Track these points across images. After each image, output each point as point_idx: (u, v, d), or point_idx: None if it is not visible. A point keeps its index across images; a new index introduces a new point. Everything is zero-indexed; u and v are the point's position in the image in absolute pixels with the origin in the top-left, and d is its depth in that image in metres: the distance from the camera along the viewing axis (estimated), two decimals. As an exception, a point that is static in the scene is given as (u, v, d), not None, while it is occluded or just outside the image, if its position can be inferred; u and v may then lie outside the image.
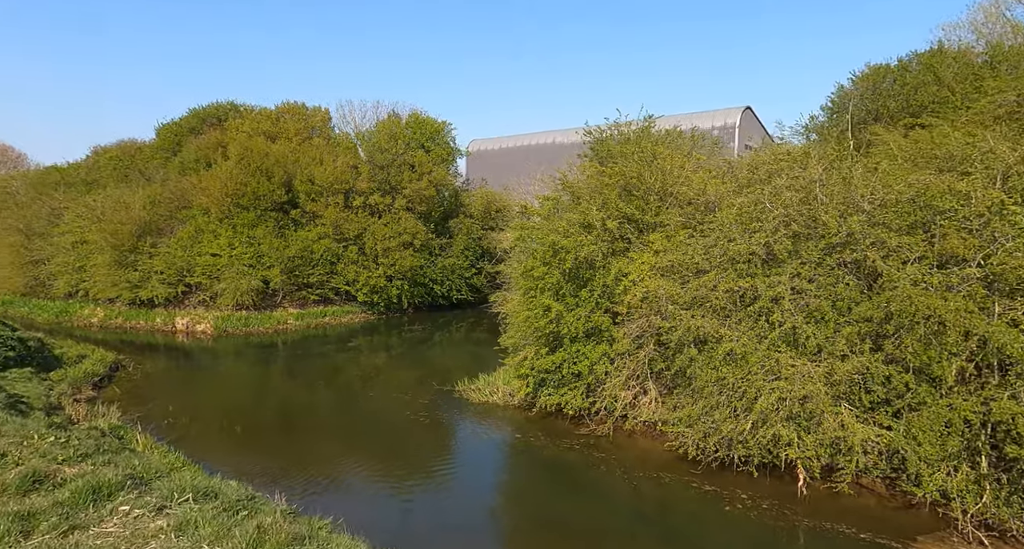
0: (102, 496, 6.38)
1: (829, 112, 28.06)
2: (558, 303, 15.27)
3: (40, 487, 6.57)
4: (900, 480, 11.64)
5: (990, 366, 10.36)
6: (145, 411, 17.14)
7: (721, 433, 12.27)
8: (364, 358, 28.88)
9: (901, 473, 11.49)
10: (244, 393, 21.92)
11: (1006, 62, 21.44)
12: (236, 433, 16.30)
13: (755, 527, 11.44)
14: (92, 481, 6.57)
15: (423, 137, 44.16)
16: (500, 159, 59.33)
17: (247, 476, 12.24)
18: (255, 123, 44.87)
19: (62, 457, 7.75)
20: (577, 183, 16.90)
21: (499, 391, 19.04)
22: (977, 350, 10.28)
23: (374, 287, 37.12)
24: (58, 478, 6.87)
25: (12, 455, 7.47)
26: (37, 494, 6.42)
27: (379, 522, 11.39)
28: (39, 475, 6.78)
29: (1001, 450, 10.05)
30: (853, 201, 11.68)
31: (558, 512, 12.33)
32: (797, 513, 11.62)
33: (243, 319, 33.39)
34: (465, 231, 43.37)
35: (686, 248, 13.72)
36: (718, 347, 12.42)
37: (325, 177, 37.73)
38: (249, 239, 35.74)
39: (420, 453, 16.09)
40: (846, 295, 11.34)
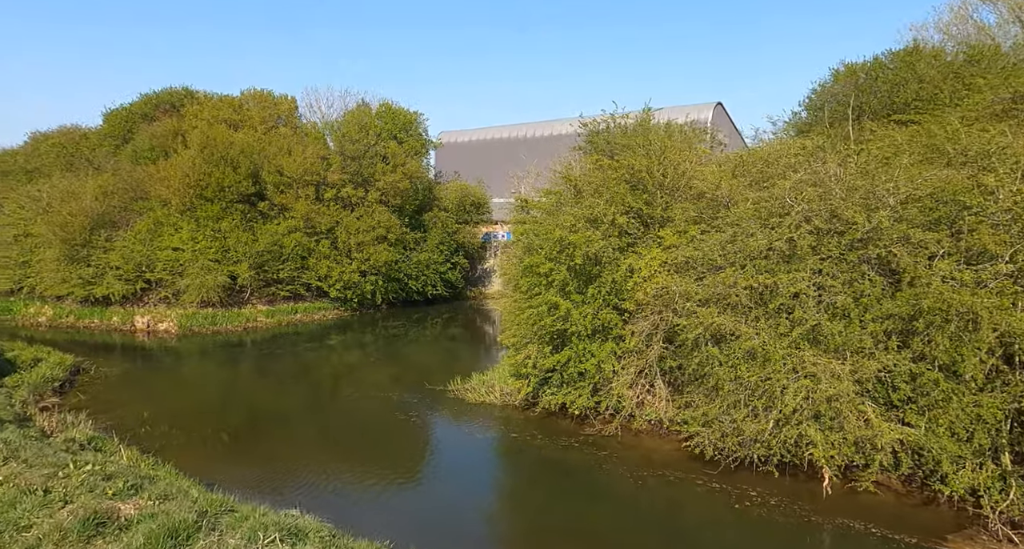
0: (180, 540, 5.52)
1: (812, 110, 28.39)
2: (565, 300, 14.76)
3: (104, 530, 5.67)
4: (917, 477, 11.64)
5: (1011, 362, 10.39)
6: (117, 418, 15.82)
7: (743, 433, 12.03)
8: (343, 357, 27.80)
9: (918, 470, 11.46)
10: (219, 396, 20.67)
11: (984, 61, 22.00)
12: (222, 440, 15.21)
13: (777, 527, 11.24)
14: (166, 523, 5.67)
15: (395, 128, 42.95)
16: (471, 152, 58.44)
17: (249, 488, 11.34)
18: (216, 110, 42.71)
19: (111, 491, 6.75)
20: (581, 177, 16.39)
21: (496, 390, 18.46)
22: (998, 346, 10.28)
23: (347, 282, 35.87)
24: (121, 518, 5.95)
25: (56, 491, 6.47)
26: (104, 540, 5.52)
27: (390, 530, 10.75)
28: (99, 516, 5.86)
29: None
30: (876, 196, 11.55)
31: (570, 515, 11.90)
32: (820, 512, 11.47)
33: (210, 317, 31.70)
34: (440, 225, 42.46)
35: (701, 244, 13.41)
36: (738, 345, 12.15)
37: (294, 168, 36.19)
38: (214, 232, 33.92)
39: (423, 458, 15.42)
40: (870, 292, 11.21)
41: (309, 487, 12.94)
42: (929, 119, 17.70)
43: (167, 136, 40.78)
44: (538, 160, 54.86)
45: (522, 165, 54.53)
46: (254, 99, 46.08)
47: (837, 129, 20.67)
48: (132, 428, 15.07)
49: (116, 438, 13.32)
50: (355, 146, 39.16)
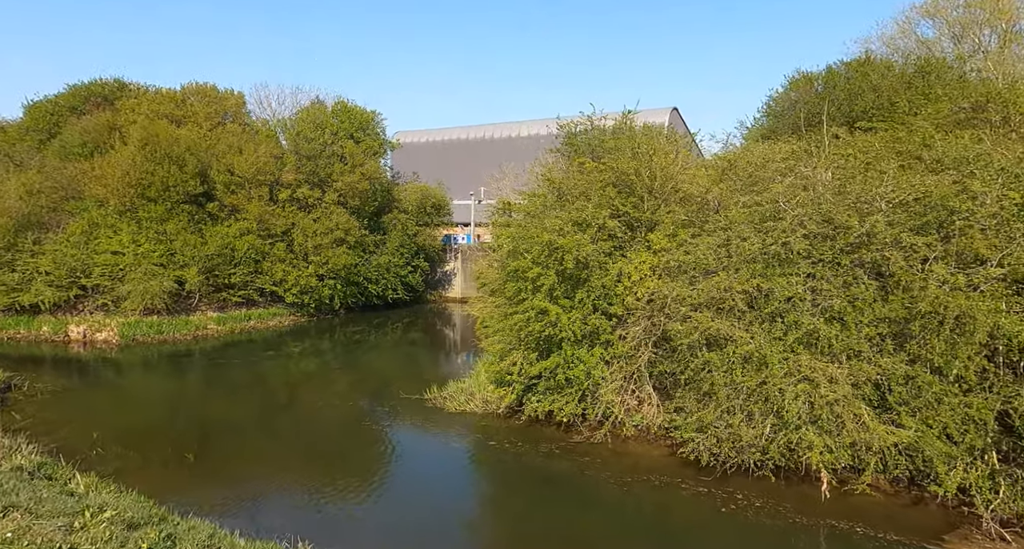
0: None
1: (772, 116, 29.23)
2: (553, 305, 14.40)
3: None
4: (904, 478, 11.87)
5: (997, 364, 10.72)
6: (62, 440, 14.33)
7: (739, 438, 11.98)
8: (305, 365, 26.52)
9: (906, 471, 11.67)
10: (173, 411, 19.18)
11: (933, 72, 23.15)
12: (183, 461, 14.00)
13: (773, 530, 11.24)
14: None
15: (352, 127, 41.61)
16: (428, 152, 57.49)
17: (224, 514, 10.39)
18: (155, 105, 40.23)
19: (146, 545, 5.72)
20: (564, 179, 16.08)
21: (476, 398, 17.89)
22: (987, 348, 10.59)
23: (304, 287, 34.36)
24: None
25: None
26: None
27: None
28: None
29: (1013, 446, 10.44)
30: (867, 200, 11.75)
31: (559, 523, 11.68)
32: (815, 515, 11.54)
33: (155, 325, 29.63)
34: (400, 227, 41.39)
35: (693, 248, 13.32)
36: (735, 349, 12.10)
37: (246, 167, 34.40)
38: (158, 235, 31.78)
39: (406, 471, 14.70)
40: (865, 296, 11.37)
41: (286, 509, 12.04)
42: (894, 126, 18.37)
43: (101, 131, 38.03)
44: (499, 162, 54.70)
45: (482, 167, 54.16)
46: (197, 93, 43.66)
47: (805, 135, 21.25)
48: (81, 451, 13.67)
49: (66, 463, 12.03)
50: (311, 145, 37.67)
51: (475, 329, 22.01)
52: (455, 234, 49.39)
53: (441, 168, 52.47)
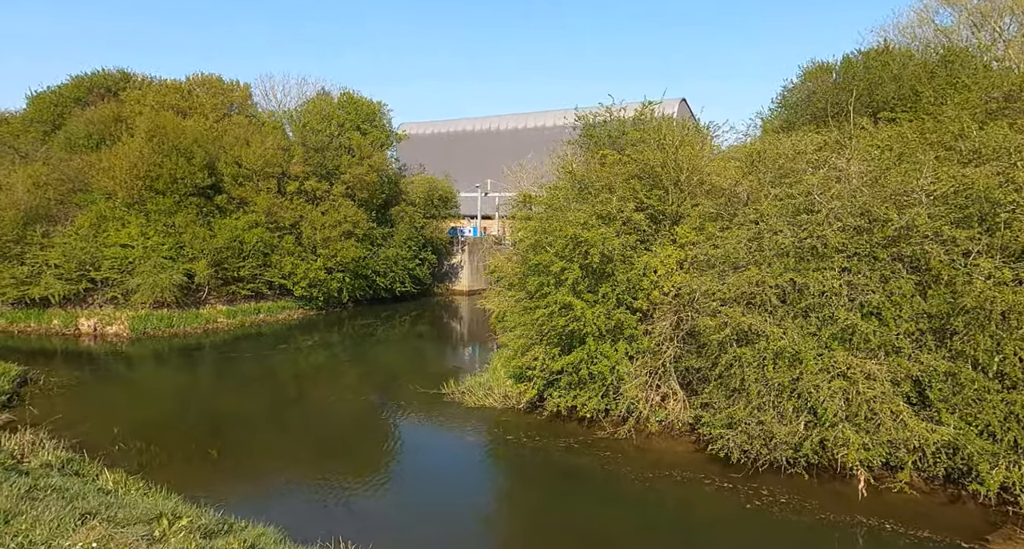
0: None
1: (788, 107, 28.82)
2: (578, 300, 14.17)
3: None
4: (939, 476, 11.64)
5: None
6: (83, 435, 14.17)
7: (772, 435, 11.77)
8: (318, 359, 26.35)
9: (942, 469, 11.44)
10: (190, 405, 19.01)
11: (957, 61, 22.73)
12: (206, 456, 13.85)
13: (810, 529, 11.06)
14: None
15: (358, 118, 41.21)
16: (433, 144, 57.08)
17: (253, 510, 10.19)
18: (161, 96, 39.89)
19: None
20: (586, 172, 15.78)
21: (493, 393, 17.71)
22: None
23: (313, 280, 34.17)
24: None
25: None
26: None
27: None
28: None
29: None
30: (906, 192, 11.48)
31: (584, 520, 11.48)
32: (852, 513, 11.35)
33: (165, 318, 29.45)
34: (407, 220, 41.12)
35: (723, 241, 13.06)
36: (767, 345, 11.87)
37: (254, 159, 34.12)
38: (167, 228, 31.57)
39: (428, 466, 14.53)
40: (904, 290, 11.12)
41: (313, 505, 11.88)
42: (919, 117, 18.01)
43: (106, 122, 37.66)
44: (505, 154, 54.32)
45: (489, 159, 53.85)
46: (203, 85, 43.30)
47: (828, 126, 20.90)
48: (104, 446, 13.50)
49: (89, 458, 11.87)
50: (318, 137, 37.35)
51: (489, 323, 21.91)
52: (461, 227, 49.12)
53: (446, 160, 52.15)
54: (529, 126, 53.97)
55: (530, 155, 26.34)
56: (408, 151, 54.41)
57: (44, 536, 5.71)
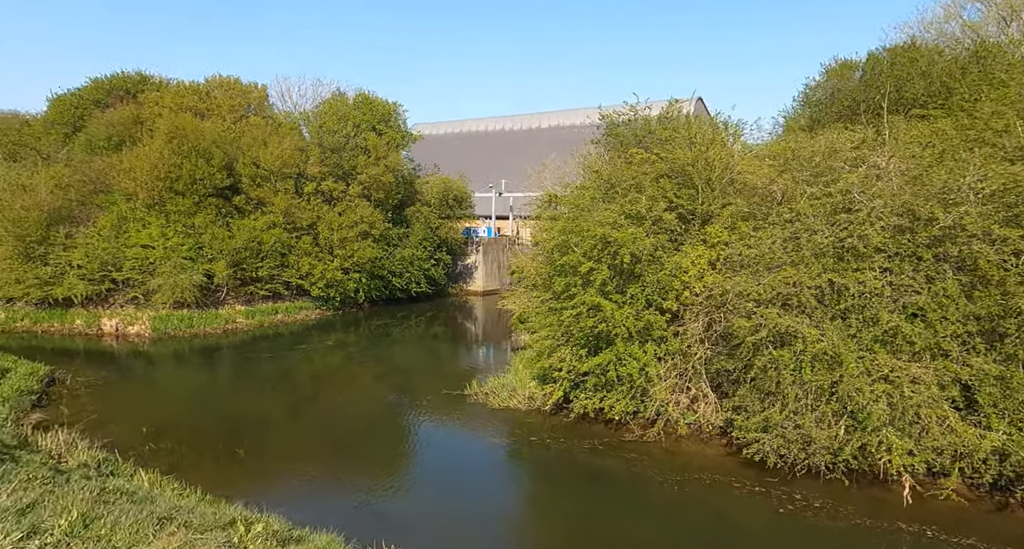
0: None
1: (811, 105, 28.43)
2: (607, 301, 13.97)
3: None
4: (985, 483, 11.30)
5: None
6: (113, 435, 14.19)
7: (810, 439, 11.51)
8: (340, 360, 26.31)
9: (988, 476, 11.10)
10: (216, 405, 18.99)
11: (989, 57, 22.25)
12: (235, 456, 13.83)
13: (852, 535, 10.80)
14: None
15: (373, 119, 41.23)
16: (446, 144, 57.04)
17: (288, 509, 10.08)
18: (179, 98, 40.14)
19: None
20: (614, 172, 15.58)
21: (517, 394, 17.55)
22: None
23: (330, 281, 34.19)
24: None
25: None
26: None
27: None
28: None
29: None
30: (954, 190, 11.17)
31: (622, 528, 11.22)
32: (896, 520, 11.06)
33: (186, 319, 29.59)
34: (422, 220, 41.06)
35: (757, 241, 12.81)
36: (805, 347, 11.60)
37: (272, 160, 34.21)
38: (186, 228, 31.74)
39: (456, 468, 14.42)
40: (950, 291, 10.83)
41: (346, 507, 11.79)
42: (953, 113, 17.61)
43: (126, 124, 37.96)
44: (519, 154, 54.17)
45: (502, 159, 53.73)
46: (221, 86, 43.52)
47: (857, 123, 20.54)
48: (134, 446, 13.52)
49: (122, 459, 11.88)
50: (334, 138, 37.39)
51: (510, 324, 21.75)
52: (475, 227, 49.02)
53: (460, 160, 52.07)
54: (543, 126, 53.77)
55: (553, 155, 26.10)
56: (422, 151, 54.41)
57: (126, 541, 5.64)
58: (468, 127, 57.96)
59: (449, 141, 57.25)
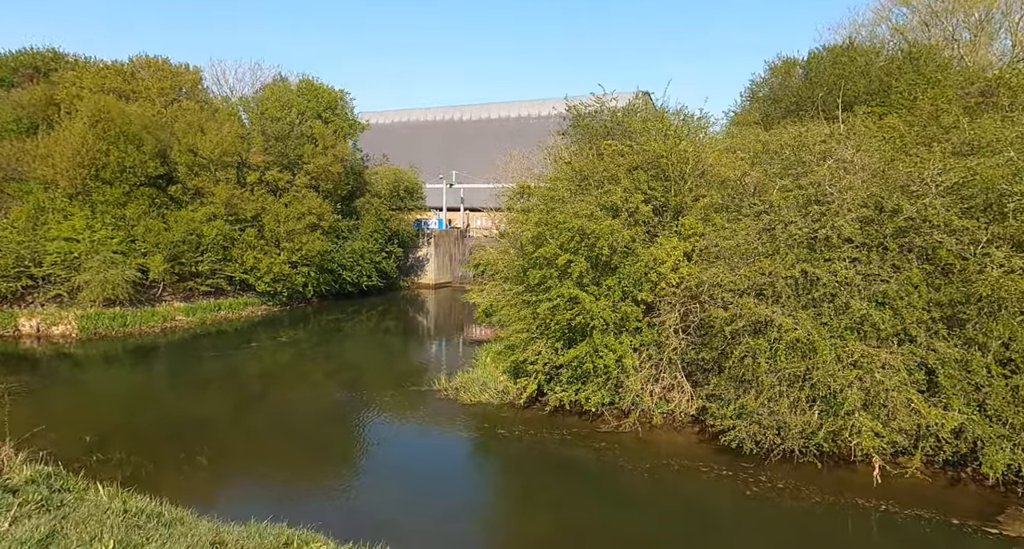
0: None
1: (756, 100, 29.41)
2: (584, 293, 13.90)
3: None
4: (938, 461, 11.99)
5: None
6: (51, 446, 12.76)
7: (787, 425, 11.87)
8: (296, 356, 25.17)
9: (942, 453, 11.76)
10: (162, 410, 17.60)
11: (921, 58, 23.68)
12: (197, 463, 12.90)
13: (823, 514, 11.24)
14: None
15: (319, 106, 39.60)
16: (392, 134, 55.60)
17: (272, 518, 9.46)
18: (100, 78, 37.11)
19: None
20: (587, 163, 15.47)
21: (489, 389, 17.29)
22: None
23: (277, 275, 32.66)
24: None
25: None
26: None
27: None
28: None
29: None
30: (918, 183, 11.71)
31: (595, 516, 11.35)
32: (864, 498, 11.59)
33: (119, 317, 27.49)
34: (373, 212, 39.91)
35: (733, 233, 13.04)
36: (780, 335, 11.92)
37: (210, 148, 32.21)
38: (116, 220, 29.46)
39: (432, 465, 14.04)
40: (915, 279, 11.37)
41: (333, 509, 11.21)
42: (893, 110, 18.63)
43: (38, 106, 34.76)
44: (470, 145, 53.49)
45: (453, 150, 52.91)
46: (148, 67, 40.56)
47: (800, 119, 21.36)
48: (78, 457, 12.36)
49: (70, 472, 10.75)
50: (277, 125, 35.65)
51: (476, 316, 21.41)
52: (426, 219, 48.16)
53: (408, 151, 50.92)
54: (493, 117, 53.33)
55: (518, 147, 25.80)
56: (369, 141, 52.82)
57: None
58: (416, 116, 56.72)
59: (397, 130, 55.85)
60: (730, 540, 10.65)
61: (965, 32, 31.75)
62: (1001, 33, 32.72)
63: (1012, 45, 32.18)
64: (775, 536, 10.80)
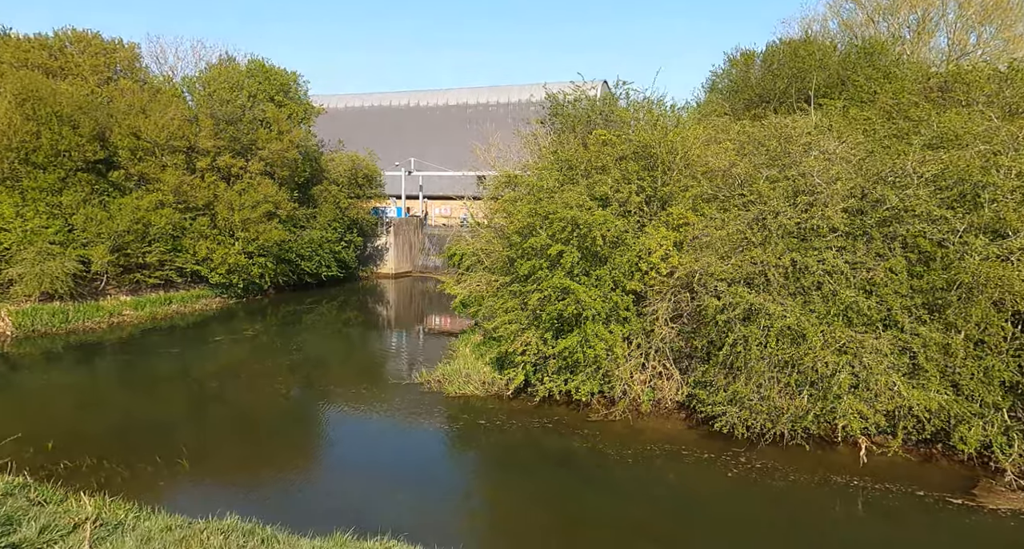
0: None
1: (716, 91, 30.06)
2: (577, 284, 13.85)
3: None
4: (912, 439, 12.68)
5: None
6: (8, 455, 11.80)
7: (779, 410, 12.24)
8: (257, 349, 24.11)
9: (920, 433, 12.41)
10: (125, 409, 16.49)
11: (875, 53, 24.78)
12: (177, 464, 12.15)
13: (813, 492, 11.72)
14: None
15: (271, 89, 37.89)
16: (350, 119, 53.78)
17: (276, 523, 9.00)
18: (22, 53, 34.20)
19: None
20: (574, 154, 15.35)
21: (472, 380, 17.08)
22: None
23: (232, 266, 31.15)
24: None
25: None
26: None
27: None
28: None
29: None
30: (901, 174, 12.20)
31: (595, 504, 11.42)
32: (850, 477, 12.13)
33: (59, 313, 25.55)
34: (331, 200, 38.60)
35: (725, 223, 13.25)
36: (770, 322, 12.26)
37: (156, 131, 30.23)
38: (51, 208, 27.28)
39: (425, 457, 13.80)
40: (898, 267, 11.88)
41: (332, 509, 10.76)
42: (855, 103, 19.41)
43: (-52, 82, 31.70)
44: (428, 131, 52.43)
45: (410, 136, 51.70)
46: (77, 42, 37.61)
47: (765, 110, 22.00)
48: (43, 465, 11.42)
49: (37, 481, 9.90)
50: (227, 108, 33.80)
51: (453, 307, 21.08)
52: (385, 207, 47.03)
53: (364, 136, 49.37)
54: (451, 103, 52.41)
55: (497, 133, 25.38)
56: (323, 126, 51.01)
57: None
58: (372, 101, 55.05)
59: (352, 116, 54.04)
60: (727, 519, 10.96)
61: (906, 31, 33.45)
62: (938, 33, 34.67)
63: (947, 44, 34.16)
64: (768, 514, 11.19)
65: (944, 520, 10.73)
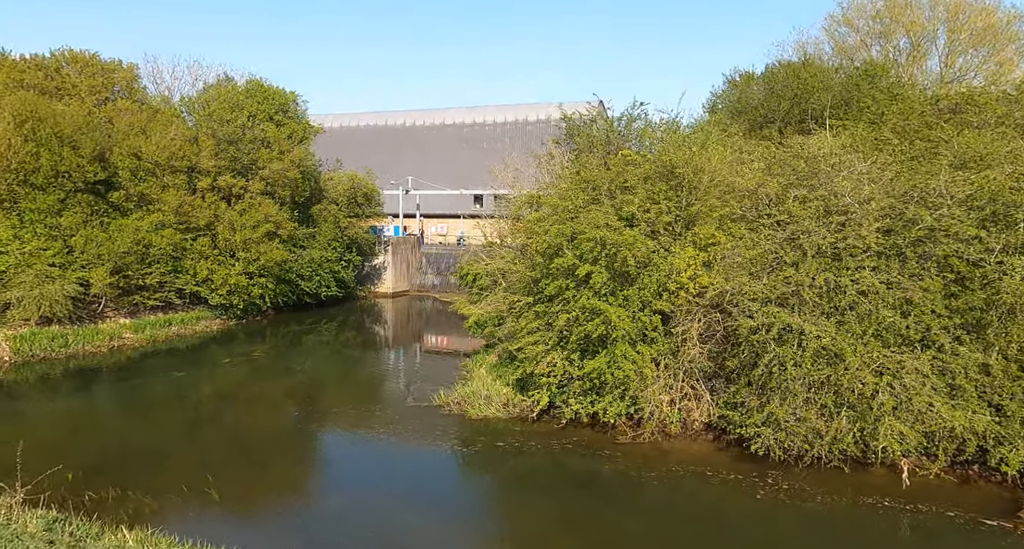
0: None
1: (714, 112, 30.46)
2: (608, 305, 13.73)
3: None
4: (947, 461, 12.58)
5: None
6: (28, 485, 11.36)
7: (819, 431, 12.12)
8: (270, 370, 23.65)
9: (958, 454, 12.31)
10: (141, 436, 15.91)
11: (876, 75, 25.30)
12: (206, 493, 11.71)
13: (856, 517, 11.56)
14: None
15: (270, 108, 37.71)
16: (344, 139, 53.71)
17: None
18: (18, 73, 33.86)
19: None
20: (598, 175, 15.35)
21: (493, 402, 16.79)
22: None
23: (233, 287, 30.66)
24: None
25: None
26: None
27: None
28: None
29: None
30: (935, 194, 12.30)
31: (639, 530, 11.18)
32: (886, 499, 11.99)
33: (59, 337, 24.86)
34: (330, 219, 38.34)
35: (754, 242, 13.25)
36: (807, 343, 12.19)
37: (157, 152, 29.91)
38: (50, 230, 26.75)
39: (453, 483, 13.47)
40: (934, 287, 11.91)
41: (362, 540, 10.43)
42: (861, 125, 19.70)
43: (-58, 102, 31.19)
44: (424, 150, 52.52)
45: (406, 155, 51.74)
46: (74, 62, 37.32)
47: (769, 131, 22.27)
48: (67, 496, 10.89)
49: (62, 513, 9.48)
50: (227, 128, 33.58)
51: (466, 327, 20.83)
52: (382, 226, 46.80)
53: (360, 155, 49.34)
54: (448, 122, 52.63)
55: (512, 153, 25.39)
56: (321, 146, 50.90)
57: None
58: (369, 121, 55.09)
59: (346, 135, 54.02)
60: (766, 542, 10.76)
61: (899, 55, 34.28)
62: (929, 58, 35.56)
63: (940, 68, 35.04)
64: (808, 537, 11.00)
65: (992, 544, 10.60)
